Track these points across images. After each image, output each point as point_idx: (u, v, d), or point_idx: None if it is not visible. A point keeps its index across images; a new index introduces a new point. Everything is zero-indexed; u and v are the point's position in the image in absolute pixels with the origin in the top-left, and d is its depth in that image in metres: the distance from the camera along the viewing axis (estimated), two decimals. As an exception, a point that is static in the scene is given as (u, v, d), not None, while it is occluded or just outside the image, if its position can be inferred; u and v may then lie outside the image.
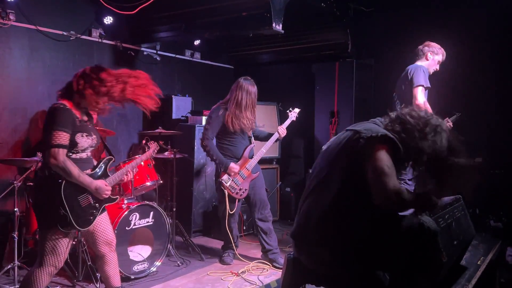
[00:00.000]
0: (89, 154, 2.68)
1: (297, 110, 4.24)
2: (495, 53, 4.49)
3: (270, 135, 4.12)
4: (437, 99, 3.92)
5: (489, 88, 4.52)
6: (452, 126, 3.93)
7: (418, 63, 3.94)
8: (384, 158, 1.85)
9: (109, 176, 2.76)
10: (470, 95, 4.52)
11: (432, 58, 3.94)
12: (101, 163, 2.75)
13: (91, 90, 2.55)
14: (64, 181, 2.50)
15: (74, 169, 2.50)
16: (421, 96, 3.70)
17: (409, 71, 3.87)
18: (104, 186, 2.65)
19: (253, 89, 3.95)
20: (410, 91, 3.80)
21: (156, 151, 3.45)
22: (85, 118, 2.67)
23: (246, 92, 3.89)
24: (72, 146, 2.54)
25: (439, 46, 3.96)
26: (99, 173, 2.72)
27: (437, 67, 3.98)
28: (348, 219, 1.93)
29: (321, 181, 2.06)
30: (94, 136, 2.67)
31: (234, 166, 3.89)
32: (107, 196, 2.67)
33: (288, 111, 4.25)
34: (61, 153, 2.45)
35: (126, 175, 2.91)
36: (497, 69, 4.47)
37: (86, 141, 2.60)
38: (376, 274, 1.94)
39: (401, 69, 4.02)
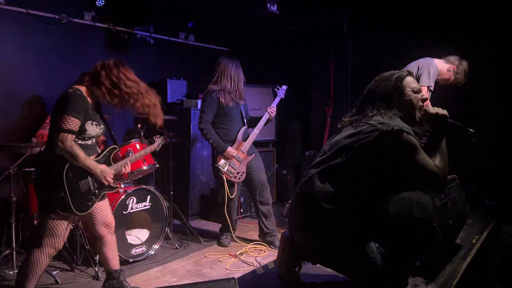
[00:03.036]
0: (94, 141, 2.73)
1: (284, 87, 4.20)
2: (493, 38, 4.42)
3: (259, 118, 4.09)
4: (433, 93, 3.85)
5: (485, 70, 4.48)
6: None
7: (436, 61, 3.74)
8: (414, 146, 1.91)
9: (111, 165, 2.79)
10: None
11: (450, 73, 3.76)
12: (105, 151, 2.78)
13: (110, 84, 2.57)
14: (67, 164, 2.52)
15: (80, 153, 2.53)
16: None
17: (419, 68, 3.67)
18: (109, 170, 2.68)
19: (232, 62, 4.01)
20: None
21: (160, 145, 3.42)
22: (96, 107, 2.71)
23: (225, 67, 3.99)
24: (80, 132, 2.58)
25: (466, 72, 3.77)
26: (102, 161, 2.74)
27: (445, 82, 3.81)
28: (338, 201, 1.92)
29: (320, 165, 2.06)
30: (102, 126, 2.72)
31: (231, 150, 3.92)
32: (111, 181, 2.68)
33: (275, 89, 4.23)
34: (69, 138, 2.49)
35: (125, 167, 2.88)
36: (495, 53, 4.42)
37: (94, 130, 2.65)
38: (369, 253, 1.95)
39: (398, 49, 3.95)
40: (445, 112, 2.03)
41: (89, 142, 2.68)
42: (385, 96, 2.06)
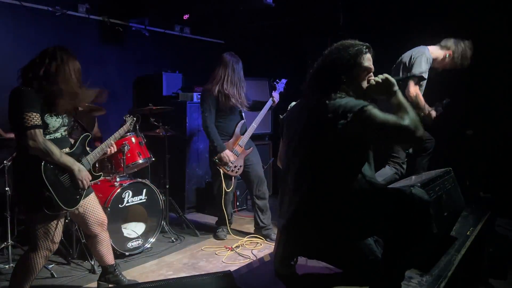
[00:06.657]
0: (63, 133, 2.59)
1: (284, 80, 4.21)
2: (492, 35, 4.41)
3: (264, 103, 4.10)
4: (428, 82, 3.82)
5: (479, 63, 4.48)
6: (442, 111, 3.84)
7: (430, 48, 3.65)
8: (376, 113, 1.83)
9: (88, 153, 2.71)
10: (462, 71, 4.48)
11: (448, 58, 3.64)
12: (78, 141, 2.68)
13: (45, 78, 2.43)
14: (43, 162, 2.41)
15: (55, 149, 2.43)
16: (413, 88, 3.52)
17: (412, 57, 3.61)
18: (86, 172, 2.58)
19: (238, 65, 3.93)
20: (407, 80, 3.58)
21: (132, 123, 3.25)
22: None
23: (232, 70, 3.88)
24: (44, 127, 2.45)
25: (468, 55, 3.61)
26: (78, 152, 2.65)
27: (444, 67, 3.70)
28: (333, 193, 1.91)
29: (296, 158, 2.06)
30: (64, 114, 2.56)
31: (228, 155, 3.90)
32: (86, 185, 2.57)
33: (275, 82, 4.22)
34: (39, 133, 2.36)
35: (109, 148, 2.83)
36: (488, 44, 4.41)
37: (56, 121, 2.50)
38: (366, 247, 1.95)
39: (395, 42, 3.92)
40: (383, 76, 2.03)
41: (58, 134, 2.53)
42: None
